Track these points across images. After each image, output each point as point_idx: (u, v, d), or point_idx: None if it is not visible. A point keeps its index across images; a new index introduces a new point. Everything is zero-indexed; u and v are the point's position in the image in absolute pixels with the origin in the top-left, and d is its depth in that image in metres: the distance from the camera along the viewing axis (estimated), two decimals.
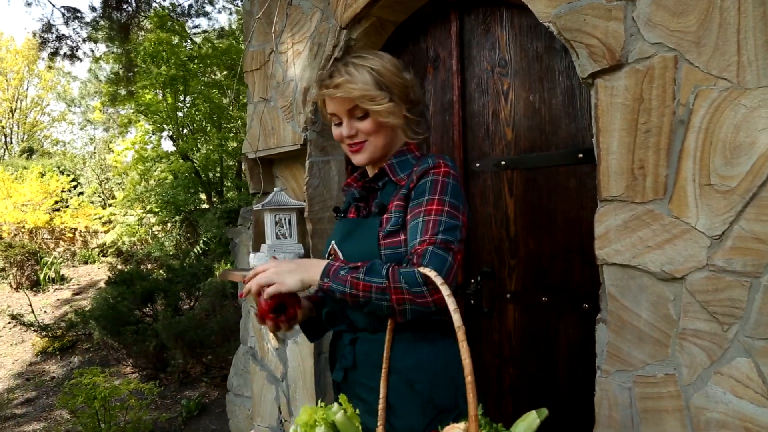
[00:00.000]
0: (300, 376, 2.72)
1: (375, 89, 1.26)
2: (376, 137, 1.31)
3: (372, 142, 1.31)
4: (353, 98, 1.26)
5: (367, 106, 1.26)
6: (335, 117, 1.34)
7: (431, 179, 1.22)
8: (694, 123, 1.42)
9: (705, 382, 1.44)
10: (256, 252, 2.84)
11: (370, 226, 1.30)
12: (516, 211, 2.09)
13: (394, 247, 1.24)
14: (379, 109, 1.26)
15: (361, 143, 1.32)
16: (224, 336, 4.67)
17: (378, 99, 1.26)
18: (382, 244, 1.25)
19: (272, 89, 2.78)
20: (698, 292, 1.43)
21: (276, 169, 3.04)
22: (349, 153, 1.36)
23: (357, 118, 1.30)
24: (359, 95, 1.25)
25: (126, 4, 8.16)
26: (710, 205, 1.40)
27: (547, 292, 2.01)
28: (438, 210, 1.18)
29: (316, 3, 2.52)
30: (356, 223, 1.36)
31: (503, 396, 2.18)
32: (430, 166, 1.24)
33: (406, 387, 1.24)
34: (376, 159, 1.35)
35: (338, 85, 1.26)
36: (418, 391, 1.24)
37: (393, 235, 1.25)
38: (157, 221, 7.85)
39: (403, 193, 1.27)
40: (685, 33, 1.42)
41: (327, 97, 1.31)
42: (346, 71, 1.28)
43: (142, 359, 4.73)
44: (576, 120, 1.91)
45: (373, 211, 1.34)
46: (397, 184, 1.32)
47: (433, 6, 2.28)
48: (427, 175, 1.23)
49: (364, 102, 1.26)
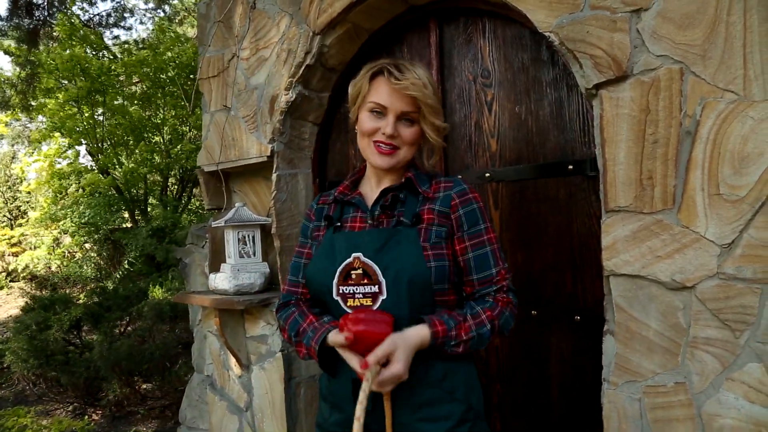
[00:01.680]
0: (268, 405, 2.53)
1: (438, 104, 1.29)
2: (410, 148, 1.31)
3: (404, 151, 1.30)
4: (424, 103, 1.26)
5: (430, 117, 1.28)
6: (380, 108, 1.28)
7: (478, 207, 1.31)
8: (701, 134, 1.44)
9: (717, 389, 1.45)
10: (215, 272, 2.63)
11: (409, 237, 1.25)
12: (502, 224, 2.06)
13: (440, 259, 1.25)
14: (437, 124, 1.29)
15: (395, 148, 1.28)
16: (163, 363, 4.33)
17: (439, 114, 1.30)
18: (428, 256, 1.23)
19: (233, 97, 2.61)
20: (709, 300, 1.45)
21: (233, 183, 2.85)
22: (372, 150, 1.31)
23: (405, 121, 1.28)
24: (430, 104, 1.26)
25: (37, 11, 7.56)
26: (720, 215, 1.42)
27: (536, 306, 1.98)
28: (494, 238, 1.31)
29: (283, 7, 2.40)
30: (388, 233, 1.26)
31: (490, 414, 2.13)
32: (467, 189, 1.32)
33: (448, 397, 1.24)
34: (397, 169, 1.34)
35: (414, 84, 1.24)
36: (458, 398, 1.25)
37: (438, 247, 1.26)
38: (74, 242, 7.22)
39: (438, 209, 1.29)
40: (691, 46, 1.45)
41: (390, 87, 1.26)
42: (418, 74, 1.27)
43: (69, 393, 4.28)
44: (565, 132, 1.91)
45: (407, 222, 1.27)
46: (421, 195, 1.32)
47: (411, 14, 2.23)
48: (471, 200, 1.30)
49: (429, 112, 1.27)
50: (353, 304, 1.26)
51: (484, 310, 1.25)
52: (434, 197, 1.31)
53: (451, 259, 1.27)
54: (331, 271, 1.30)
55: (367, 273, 1.25)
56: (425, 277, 1.22)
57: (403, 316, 1.22)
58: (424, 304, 1.24)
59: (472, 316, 1.23)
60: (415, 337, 1.16)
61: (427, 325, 1.18)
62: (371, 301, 1.23)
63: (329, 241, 1.34)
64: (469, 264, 1.28)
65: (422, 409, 1.21)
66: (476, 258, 1.28)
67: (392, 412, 1.20)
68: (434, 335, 1.18)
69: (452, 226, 1.29)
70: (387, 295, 1.22)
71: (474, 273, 1.28)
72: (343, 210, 1.40)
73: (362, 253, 1.26)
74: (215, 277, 2.58)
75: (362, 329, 1.13)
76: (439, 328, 1.19)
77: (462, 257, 1.29)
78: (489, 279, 1.28)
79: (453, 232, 1.29)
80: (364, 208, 1.35)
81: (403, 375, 1.12)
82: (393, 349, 1.12)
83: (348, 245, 1.30)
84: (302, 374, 2.53)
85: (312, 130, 2.55)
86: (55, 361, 3.78)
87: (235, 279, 2.49)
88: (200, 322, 2.95)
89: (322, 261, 1.33)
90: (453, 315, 1.23)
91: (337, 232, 1.35)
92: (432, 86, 1.28)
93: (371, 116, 1.29)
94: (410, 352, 1.14)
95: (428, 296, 1.24)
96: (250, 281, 2.51)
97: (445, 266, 1.24)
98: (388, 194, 1.33)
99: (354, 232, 1.33)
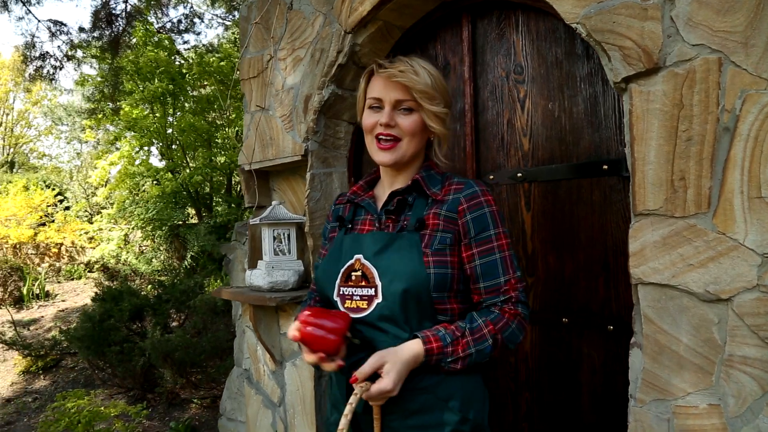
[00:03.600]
0: (299, 401, 2.55)
1: (433, 90, 1.25)
2: (411, 140, 1.26)
3: (405, 144, 1.26)
4: (415, 89, 1.23)
5: (424, 103, 1.24)
6: (377, 102, 1.27)
7: (489, 211, 1.24)
8: (741, 130, 1.30)
9: (756, 415, 1.31)
10: (252, 269, 2.68)
11: (410, 242, 1.21)
12: (534, 226, 1.96)
13: (442, 266, 1.20)
14: (433, 110, 1.25)
15: (395, 141, 1.25)
16: (215, 355, 4.47)
17: (435, 100, 1.25)
18: (428, 262, 1.19)
19: (271, 97, 2.65)
20: (747, 315, 1.30)
21: (273, 181, 2.90)
22: (374, 146, 1.28)
23: (402, 110, 1.25)
24: (422, 89, 1.23)
25: (117, 21, 8.05)
26: (761, 220, 1.28)
27: (567, 313, 1.87)
28: (506, 244, 1.24)
29: (318, 7, 2.40)
30: (390, 237, 1.24)
31: (518, 423, 2.04)
32: (479, 192, 1.25)
33: (442, 404, 1.18)
34: (401, 164, 1.30)
35: (403, 71, 1.22)
36: (452, 408, 1.18)
37: (440, 254, 1.21)
38: (143, 236, 7.63)
39: (445, 213, 1.24)
40: (731, 33, 1.31)
41: (382, 78, 1.25)
42: (410, 63, 1.25)
43: (128, 380, 4.51)
44: (599, 130, 1.79)
45: (410, 226, 1.23)
46: (430, 197, 1.27)
47: (442, 10, 2.17)
48: (481, 204, 1.24)
49: (423, 98, 1.23)
50: (350, 305, 1.24)
51: (486, 323, 1.18)
52: (443, 200, 1.26)
53: (456, 266, 1.22)
54: (335, 272, 1.28)
55: (365, 275, 1.22)
56: (423, 283, 1.17)
57: (398, 321, 1.18)
58: (421, 311, 1.19)
59: (471, 330, 1.17)
60: (407, 353, 1.13)
61: (422, 341, 1.14)
62: (367, 304, 1.21)
63: (339, 242, 1.33)
64: (476, 271, 1.22)
65: (414, 416, 1.17)
66: (483, 266, 1.22)
67: (384, 417, 1.16)
68: (428, 352, 1.14)
69: (459, 232, 1.23)
70: (382, 299, 1.19)
71: (481, 281, 1.22)
72: (356, 211, 1.38)
73: (363, 255, 1.24)
74: (251, 273, 2.63)
75: (308, 332, 1.13)
76: (434, 344, 1.14)
77: (469, 264, 1.23)
78: (496, 288, 1.21)
79: (460, 238, 1.23)
80: (373, 211, 1.33)
81: (392, 391, 1.10)
82: (380, 364, 1.10)
83: (353, 246, 1.28)
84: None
85: (347, 129, 2.54)
86: (112, 350, 3.98)
87: (270, 276, 2.52)
88: (240, 317, 3.02)
89: (329, 262, 1.33)
90: (450, 330, 1.17)
91: (348, 233, 1.34)
92: (427, 73, 1.24)
93: (370, 112, 1.28)
94: (402, 367, 1.11)
95: (426, 303, 1.19)
96: (284, 279, 2.53)
97: (447, 274, 1.19)
98: (395, 198, 1.29)
99: (360, 234, 1.31)
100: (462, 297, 1.26)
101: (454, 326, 1.18)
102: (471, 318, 1.20)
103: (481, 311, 1.22)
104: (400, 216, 1.29)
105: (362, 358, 1.19)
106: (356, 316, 1.23)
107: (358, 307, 1.22)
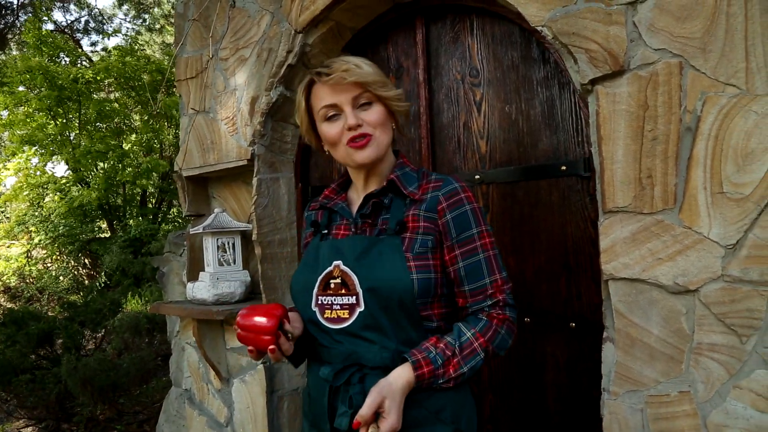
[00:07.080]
0: (250, 419, 2.41)
1: (381, 77, 1.21)
2: (382, 131, 1.21)
3: (377, 137, 1.20)
4: (366, 83, 1.17)
5: (380, 92, 1.19)
6: (333, 109, 1.20)
7: (470, 209, 1.19)
8: (702, 130, 1.38)
9: (723, 398, 1.38)
10: (193, 281, 2.51)
11: (391, 246, 1.15)
12: (493, 228, 1.98)
13: (425, 271, 1.14)
14: (391, 95, 1.21)
15: (367, 137, 1.19)
16: (140, 377, 4.17)
17: (389, 85, 1.22)
18: (410, 267, 1.13)
19: (212, 99, 2.51)
20: (713, 304, 1.38)
21: (212, 188, 2.74)
22: (349, 151, 1.20)
23: (361, 107, 1.19)
24: (373, 80, 1.18)
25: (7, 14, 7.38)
26: (723, 214, 1.36)
27: (529, 313, 1.90)
28: (489, 243, 1.19)
29: (264, 5, 2.31)
30: (370, 241, 1.17)
31: (482, 426, 2.04)
32: (458, 188, 1.21)
33: (432, 417, 1.13)
34: (380, 158, 1.23)
35: (347, 70, 1.15)
36: (443, 420, 1.14)
37: (423, 258, 1.15)
38: (49, 253, 7.00)
39: (424, 214, 1.18)
40: (690, 39, 1.39)
41: (329, 85, 1.18)
42: (347, 61, 1.19)
43: (40, 410, 4.09)
44: (557, 132, 1.85)
45: (390, 229, 1.17)
46: (408, 197, 1.21)
47: (396, 12, 2.15)
48: (462, 202, 1.19)
49: (377, 88, 1.18)
50: (330, 315, 1.17)
51: (476, 336, 1.14)
52: (421, 199, 1.20)
53: (439, 270, 1.17)
54: (312, 281, 1.21)
55: (345, 282, 1.16)
56: (407, 289, 1.12)
57: (384, 330, 1.13)
58: (406, 318, 1.14)
59: (461, 347, 1.13)
60: (401, 383, 1.08)
61: (412, 368, 1.10)
62: (348, 314, 1.15)
63: (315, 248, 1.26)
64: (459, 274, 1.17)
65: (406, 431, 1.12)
66: (467, 267, 1.17)
67: None
68: (419, 378, 1.10)
69: (440, 232, 1.18)
70: (364, 308, 1.13)
71: (466, 284, 1.17)
72: (331, 216, 1.31)
73: (342, 261, 1.17)
74: (193, 286, 2.46)
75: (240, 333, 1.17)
76: (425, 369, 1.10)
77: (452, 267, 1.18)
78: (482, 290, 1.17)
79: (441, 239, 1.18)
80: (348, 215, 1.27)
81: (398, 426, 1.05)
82: (380, 401, 1.05)
83: (330, 253, 1.21)
84: (285, 387, 2.42)
85: (294, 133, 2.45)
86: (21, 380, 3.60)
87: (215, 288, 2.37)
88: (178, 334, 2.82)
89: (304, 270, 1.25)
90: (440, 348, 1.12)
91: (324, 239, 1.27)
92: (366, 63, 1.21)
93: (330, 122, 1.20)
94: (400, 399, 1.07)
95: (411, 310, 1.14)
96: (231, 290, 2.39)
97: (431, 279, 1.14)
98: (370, 201, 1.24)
99: (338, 240, 1.24)
100: (446, 301, 1.22)
101: (444, 344, 1.13)
102: (459, 332, 1.15)
103: (468, 320, 1.18)
104: (377, 219, 1.23)
105: (346, 367, 1.15)
106: (337, 326, 1.16)
107: (338, 317, 1.16)
